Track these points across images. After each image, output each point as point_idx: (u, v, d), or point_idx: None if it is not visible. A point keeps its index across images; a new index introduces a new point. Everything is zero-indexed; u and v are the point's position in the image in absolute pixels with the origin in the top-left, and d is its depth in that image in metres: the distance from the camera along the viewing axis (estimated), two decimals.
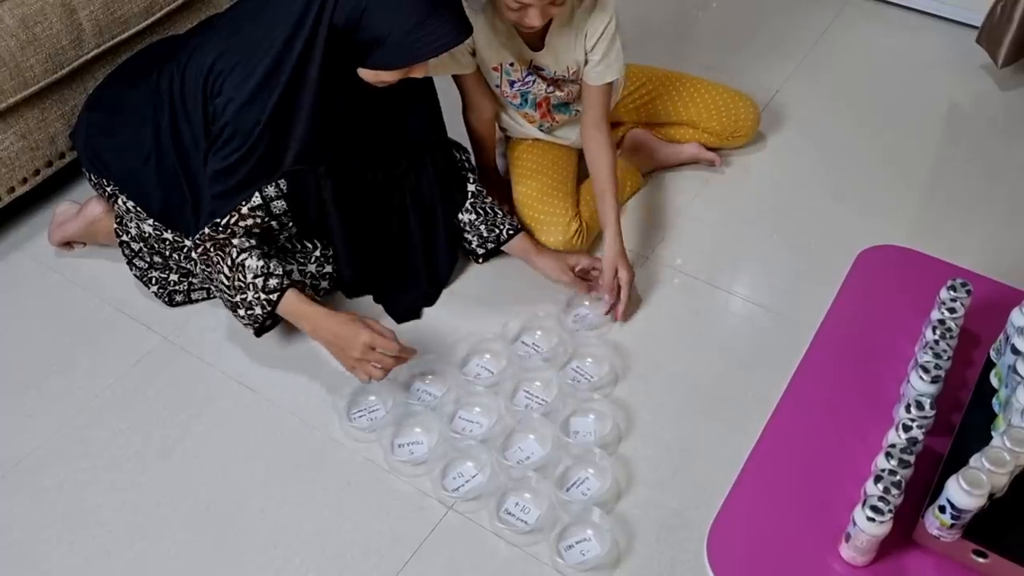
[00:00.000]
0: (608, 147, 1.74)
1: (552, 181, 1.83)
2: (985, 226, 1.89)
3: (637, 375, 1.64)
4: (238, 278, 1.53)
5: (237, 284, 1.54)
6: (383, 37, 1.40)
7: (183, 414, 1.61)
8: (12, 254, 1.89)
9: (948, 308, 1.30)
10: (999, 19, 2.13)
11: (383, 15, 1.39)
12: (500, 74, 1.74)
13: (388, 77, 1.48)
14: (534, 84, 1.75)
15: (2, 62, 1.69)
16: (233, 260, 1.54)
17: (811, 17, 2.46)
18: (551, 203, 1.80)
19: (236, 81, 1.48)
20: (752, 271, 1.86)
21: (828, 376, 1.35)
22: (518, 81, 1.74)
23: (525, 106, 1.81)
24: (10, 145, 1.80)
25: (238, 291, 1.54)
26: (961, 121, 2.20)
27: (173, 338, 1.73)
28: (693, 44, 2.26)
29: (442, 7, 1.41)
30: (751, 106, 1.99)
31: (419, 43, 1.41)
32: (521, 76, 1.73)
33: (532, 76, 1.73)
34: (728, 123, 1.97)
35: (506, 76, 1.74)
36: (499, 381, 1.62)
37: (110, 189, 1.72)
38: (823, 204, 1.96)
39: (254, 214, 1.56)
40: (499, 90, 1.78)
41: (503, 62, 1.71)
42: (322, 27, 1.41)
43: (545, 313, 1.71)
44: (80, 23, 1.79)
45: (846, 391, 1.33)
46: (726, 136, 1.99)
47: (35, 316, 1.78)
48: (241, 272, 1.53)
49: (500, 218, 1.78)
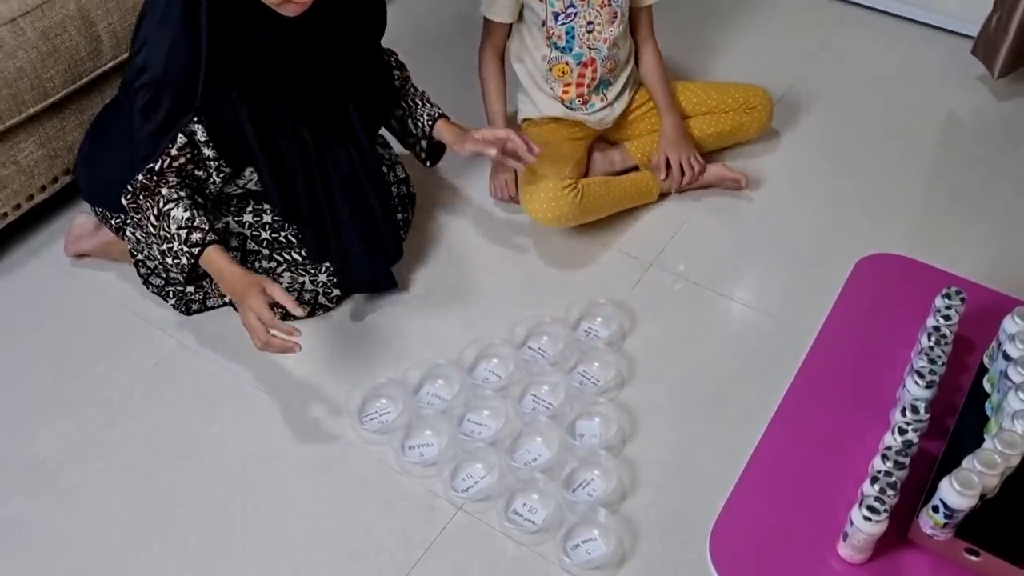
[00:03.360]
0: (656, 54, 1.98)
1: (562, 154, 1.89)
2: (982, 234, 1.94)
3: (641, 379, 1.69)
4: (163, 228, 1.56)
5: (163, 234, 1.56)
6: None
7: (199, 416, 1.65)
8: (31, 260, 1.94)
9: (943, 315, 1.34)
10: (995, 31, 2.17)
11: None
12: (545, 5, 1.81)
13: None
14: (576, 17, 1.83)
15: (23, 74, 1.74)
16: (160, 210, 1.56)
17: (811, 28, 2.50)
18: (554, 164, 1.86)
19: (143, 30, 1.50)
20: (753, 277, 1.90)
21: (827, 380, 1.39)
22: (561, 13, 1.82)
23: (568, 53, 1.87)
24: (30, 154, 1.84)
25: (164, 240, 1.56)
26: (958, 130, 2.24)
27: (189, 342, 1.77)
28: (693, 55, 2.30)
29: None
30: (759, 88, 2.06)
31: None
32: (564, 7, 1.81)
33: (574, 7, 1.82)
34: (741, 98, 2.02)
35: (550, 7, 1.81)
36: (507, 385, 1.66)
37: (115, 222, 1.76)
38: (823, 211, 2.00)
39: (184, 153, 1.56)
40: (545, 28, 1.84)
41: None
42: None
43: (551, 319, 1.75)
44: (99, 35, 1.83)
45: (844, 395, 1.37)
46: (742, 110, 2.02)
47: (53, 321, 1.82)
48: (166, 222, 1.55)
49: (419, 109, 1.82)
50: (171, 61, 1.48)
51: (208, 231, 1.56)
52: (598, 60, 1.90)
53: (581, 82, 1.92)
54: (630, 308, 1.81)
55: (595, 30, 1.86)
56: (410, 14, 2.58)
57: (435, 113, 1.82)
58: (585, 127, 1.98)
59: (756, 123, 2.04)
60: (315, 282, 1.77)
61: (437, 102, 1.86)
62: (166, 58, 1.48)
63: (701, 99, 2.03)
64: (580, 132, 1.98)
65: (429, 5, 2.63)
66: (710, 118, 2.03)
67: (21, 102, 1.76)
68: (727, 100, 2.02)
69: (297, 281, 1.77)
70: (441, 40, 2.48)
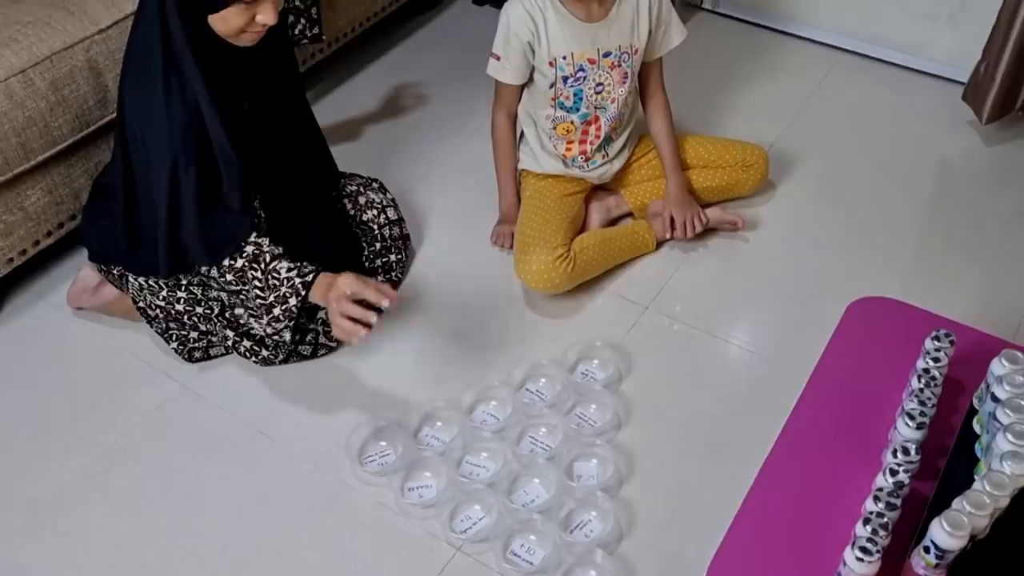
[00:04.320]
0: (666, 109, 2.01)
1: (556, 217, 1.91)
2: (973, 277, 1.97)
3: (638, 421, 1.70)
4: (272, 277, 1.59)
5: (272, 283, 1.60)
6: None
7: (200, 459, 1.67)
8: (36, 304, 1.96)
9: (932, 357, 1.36)
10: (983, 78, 2.22)
11: None
12: (555, 69, 1.84)
13: (234, 19, 1.48)
14: (585, 80, 1.86)
15: (32, 123, 1.78)
16: (266, 263, 1.60)
17: (803, 74, 2.55)
18: (547, 229, 1.88)
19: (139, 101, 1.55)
20: (748, 319, 1.93)
21: (820, 422, 1.41)
22: (571, 76, 1.85)
23: (574, 113, 1.90)
24: (37, 200, 1.88)
25: (272, 289, 1.60)
26: (949, 175, 2.28)
27: (191, 385, 1.79)
28: (687, 103, 2.34)
29: None
30: (757, 146, 2.09)
31: None
32: (573, 71, 1.84)
33: (584, 71, 1.84)
34: (739, 155, 2.05)
35: (560, 72, 1.84)
36: (505, 427, 1.68)
37: (116, 271, 1.79)
38: (817, 253, 2.03)
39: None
40: (553, 90, 1.88)
41: (558, 56, 1.82)
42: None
43: (549, 361, 1.77)
44: (106, 84, 1.88)
45: (837, 436, 1.39)
46: (739, 167, 2.05)
47: (57, 363, 1.84)
48: (275, 272, 1.59)
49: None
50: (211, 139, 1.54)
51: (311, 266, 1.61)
52: (603, 119, 1.93)
53: (584, 139, 1.95)
54: (627, 350, 1.83)
55: (604, 91, 1.90)
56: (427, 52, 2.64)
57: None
58: (584, 181, 2.02)
59: (752, 180, 2.07)
60: (316, 320, 1.80)
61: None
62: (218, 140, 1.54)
63: (699, 152, 2.06)
64: (578, 186, 2.01)
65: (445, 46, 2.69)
66: (708, 171, 2.06)
67: (30, 150, 1.80)
68: (725, 156, 2.05)
69: (299, 320, 1.79)
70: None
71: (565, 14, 1.81)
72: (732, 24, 2.75)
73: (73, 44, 1.81)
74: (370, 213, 1.94)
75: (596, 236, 1.96)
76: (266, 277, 1.60)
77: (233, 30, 1.51)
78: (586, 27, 1.82)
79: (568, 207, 1.96)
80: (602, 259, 1.94)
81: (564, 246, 1.87)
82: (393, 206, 1.98)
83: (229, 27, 1.51)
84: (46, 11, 1.83)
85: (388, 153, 2.31)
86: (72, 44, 1.80)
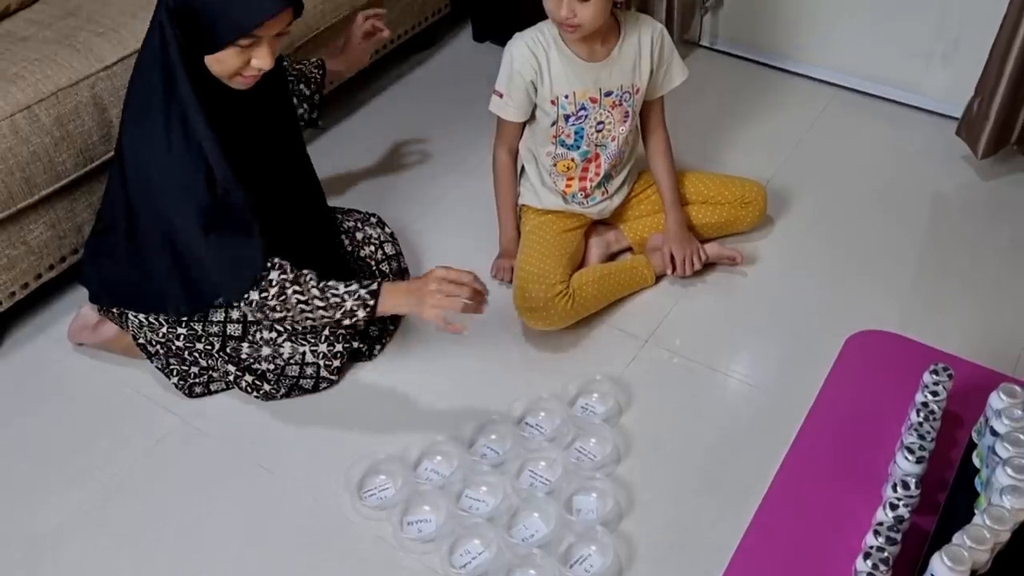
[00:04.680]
0: (666, 146, 2.03)
1: (555, 253, 1.92)
2: (970, 310, 1.97)
3: (638, 454, 1.70)
4: (331, 295, 1.59)
5: (333, 301, 1.58)
6: (207, 7, 1.44)
7: (200, 494, 1.67)
8: (37, 337, 1.97)
9: (931, 391, 1.37)
10: (977, 114, 2.24)
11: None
12: (557, 108, 1.86)
13: (230, 61, 1.50)
14: (587, 119, 1.88)
15: (36, 158, 1.79)
16: (317, 283, 1.59)
17: (799, 110, 2.58)
18: (546, 265, 1.89)
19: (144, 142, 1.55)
20: (747, 352, 1.93)
21: (820, 456, 1.42)
22: (572, 115, 1.86)
23: (575, 151, 1.92)
24: (40, 234, 1.89)
25: (335, 307, 1.59)
26: (945, 209, 2.29)
27: (190, 419, 1.79)
28: (685, 138, 2.36)
29: None
30: (756, 182, 2.10)
31: (240, 10, 1.45)
32: (575, 110, 1.86)
33: (585, 110, 1.86)
34: (737, 191, 2.06)
35: (562, 110, 1.86)
36: (504, 461, 1.68)
37: (116, 311, 1.80)
38: (816, 287, 2.04)
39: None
40: (554, 128, 1.89)
41: (560, 95, 1.84)
42: (163, 10, 1.48)
43: (549, 395, 1.78)
44: (110, 120, 1.90)
45: (837, 470, 1.39)
46: (737, 204, 2.06)
47: (57, 397, 1.85)
48: (332, 289, 1.59)
49: (308, 67, 1.99)
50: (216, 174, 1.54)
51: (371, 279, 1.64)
52: (603, 156, 1.95)
53: (584, 176, 1.97)
54: (626, 384, 1.83)
55: (605, 129, 1.91)
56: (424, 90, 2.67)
57: (318, 61, 2.02)
58: (584, 216, 2.04)
59: (750, 217, 2.08)
60: (316, 352, 1.80)
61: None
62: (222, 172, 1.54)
63: (698, 188, 2.07)
64: (578, 222, 2.03)
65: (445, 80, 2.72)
66: (707, 207, 2.07)
67: (34, 184, 1.81)
68: (724, 192, 2.06)
69: (298, 351, 1.80)
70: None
71: (568, 53, 1.83)
72: (729, 60, 2.78)
73: (78, 81, 1.83)
74: (368, 249, 1.95)
75: (595, 272, 1.97)
76: (325, 296, 1.59)
77: (228, 72, 1.53)
78: (588, 66, 1.84)
79: (568, 243, 1.98)
80: (601, 295, 1.95)
81: (563, 282, 1.88)
82: (391, 241, 1.99)
83: (225, 68, 1.53)
84: (53, 49, 1.86)
85: (387, 189, 2.33)
86: (77, 81, 1.83)
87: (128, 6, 1.99)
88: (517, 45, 1.84)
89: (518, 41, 1.85)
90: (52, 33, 1.91)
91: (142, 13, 1.96)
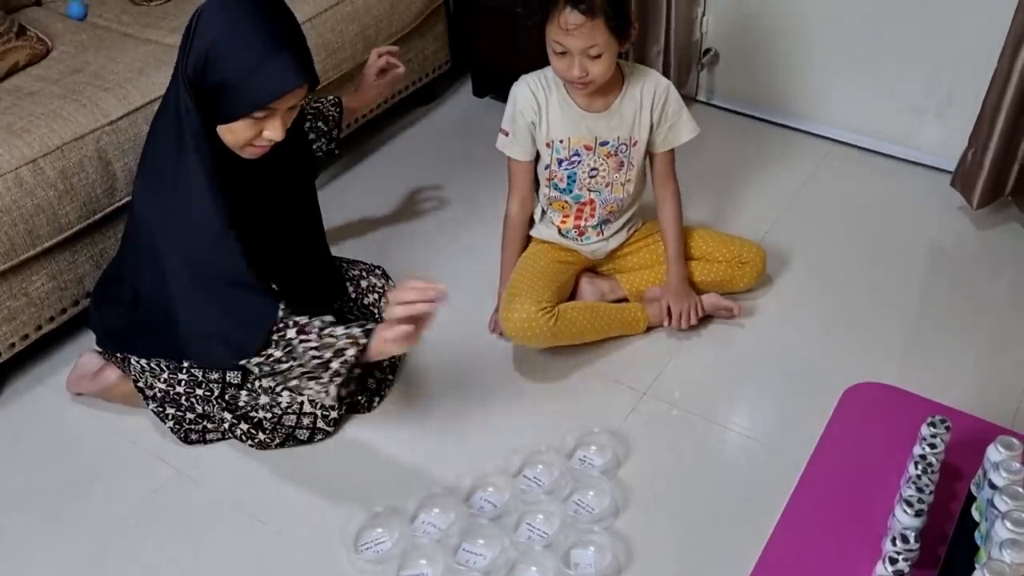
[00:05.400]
0: (675, 199, 2.02)
1: (545, 276, 1.94)
2: (968, 361, 1.97)
3: (636, 507, 1.69)
4: (329, 336, 1.56)
5: (328, 341, 1.56)
6: (226, 81, 1.48)
7: (196, 545, 1.65)
8: (36, 387, 1.97)
9: (929, 444, 1.36)
10: (971, 165, 2.27)
11: (224, 58, 1.47)
12: (551, 151, 1.88)
13: (243, 132, 1.53)
14: (580, 164, 1.90)
15: (40, 210, 1.82)
16: (317, 326, 1.58)
17: (795, 164, 2.60)
18: (535, 285, 1.90)
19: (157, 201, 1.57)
20: (746, 404, 1.93)
21: (819, 509, 1.40)
22: (565, 160, 1.88)
23: (567, 194, 1.94)
24: (41, 286, 1.90)
25: (328, 347, 1.56)
26: (942, 259, 2.31)
27: (186, 470, 1.79)
28: (682, 191, 2.39)
29: (283, 49, 1.49)
30: (755, 244, 2.11)
31: (257, 86, 1.48)
32: (568, 155, 1.88)
33: (579, 156, 1.88)
34: (735, 250, 2.07)
35: (555, 154, 1.88)
36: (502, 514, 1.67)
37: (119, 355, 1.81)
38: (813, 339, 2.04)
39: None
40: (547, 171, 1.92)
41: (555, 139, 1.87)
42: (181, 78, 1.51)
43: (547, 447, 1.77)
44: (114, 173, 1.92)
45: (836, 523, 1.37)
46: (735, 263, 2.07)
47: (54, 447, 1.84)
48: (331, 329, 1.57)
49: (326, 105, 2.03)
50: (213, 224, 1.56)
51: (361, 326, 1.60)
52: (598, 202, 1.97)
53: (580, 216, 1.99)
54: (624, 436, 1.83)
55: (598, 176, 1.94)
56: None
57: (335, 100, 2.05)
58: (577, 254, 2.05)
59: (746, 278, 2.09)
60: (314, 403, 1.80)
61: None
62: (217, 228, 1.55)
63: (697, 244, 2.08)
64: (571, 257, 2.04)
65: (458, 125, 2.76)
66: (704, 264, 2.07)
67: (36, 236, 1.83)
68: (722, 250, 2.07)
69: (296, 401, 1.80)
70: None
71: (567, 99, 1.87)
72: (726, 115, 2.82)
73: (84, 135, 1.86)
74: (372, 297, 1.96)
75: (585, 304, 1.99)
76: (321, 339, 1.57)
77: (240, 142, 1.56)
78: (585, 115, 1.88)
79: (559, 272, 1.99)
80: (588, 325, 1.95)
81: (549, 301, 1.89)
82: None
83: (237, 139, 1.55)
84: (59, 104, 1.89)
85: (389, 242, 2.35)
86: (83, 135, 1.86)
87: (134, 63, 2.03)
88: (520, 87, 1.90)
89: (522, 83, 1.90)
90: (59, 88, 1.95)
91: (148, 70, 2.01)
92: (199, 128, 1.53)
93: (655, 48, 2.63)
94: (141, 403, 1.82)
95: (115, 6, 2.33)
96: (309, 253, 1.86)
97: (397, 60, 2.03)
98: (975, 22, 2.28)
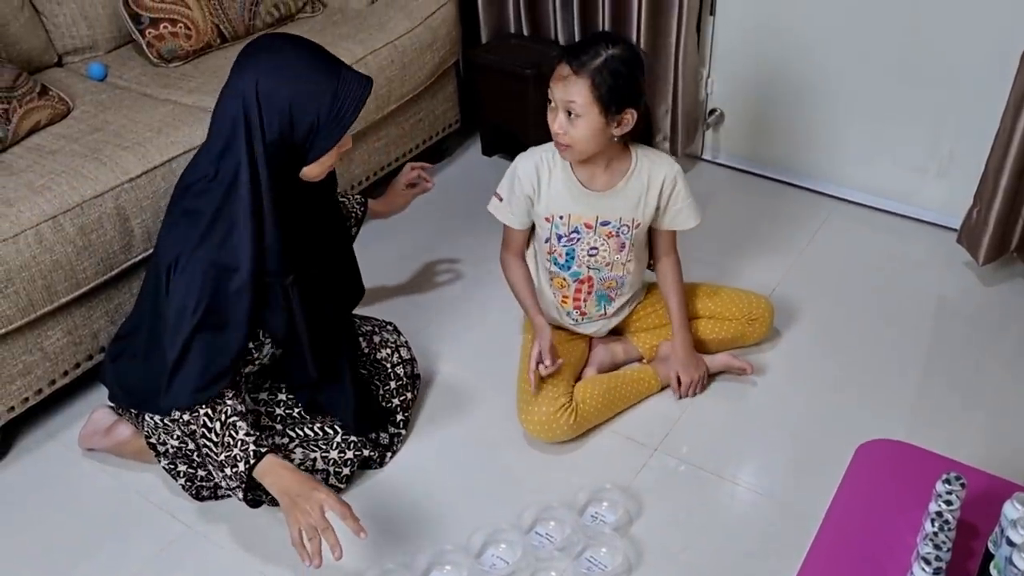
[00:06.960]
0: (675, 270, 2.01)
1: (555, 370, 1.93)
2: (978, 418, 1.97)
3: (648, 564, 1.68)
4: (228, 435, 1.57)
5: (227, 441, 1.57)
6: (315, 122, 1.54)
7: None
8: (47, 443, 1.97)
9: (944, 500, 1.36)
10: (976, 222, 2.29)
11: (306, 104, 1.53)
12: (551, 226, 1.89)
13: (329, 160, 1.61)
14: (579, 241, 1.89)
15: (59, 266, 1.84)
16: (226, 418, 1.58)
17: (801, 221, 2.63)
18: (548, 380, 1.90)
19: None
20: (757, 461, 1.93)
21: (836, 567, 1.39)
22: (564, 236, 1.89)
23: (566, 271, 1.94)
24: (56, 340, 1.92)
25: (225, 448, 1.57)
26: (949, 316, 2.32)
27: (196, 526, 1.78)
28: (688, 248, 2.41)
29: (337, 66, 1.57)
30: (763, 298, 2.12)
31: (344, 108, 1.55)
32: (567, 231, 1.88)
33: (578, 233, 1.88)
34: (745, 308, 2.08)
35: (555, 229, 1.89)
36: (514, 571, 1.66)
37: (133, 410, 1.82)
38: (824, 397, 2.05)
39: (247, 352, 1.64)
40: (547, 245, 1.92)
41: (555, 214, 1.87)
42: (257, 146, 1.53)
43: (558, 503, 1.77)
44: (132, 230, 1.95)
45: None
46: (744, 320, 2.07)
47: (65, 503, 1.84)
48: (232, 430, 1.57)
49: (349, 204, 2.09)
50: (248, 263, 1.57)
51: (265, 442, 1.60)
52: (596, 279, 1.97)
53: (578, 296, 2.00)
54: (636, 493, 1.82)
55: (598, 254, 1.93)
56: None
57: (362, 200, 2.13)
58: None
59: (756, 333, 2.10)
60: (327, 459, 1.80)
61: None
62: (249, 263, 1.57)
63: (706, 304, 2.09)
64: (576, 334, 2.06)
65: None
66: (714, 323, 2.08)
67: (54, 292, 1.85)
68: (731, 308, 2.08)
69: (309, 458, 1.80)
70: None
71: (571, 176, 1.86)
72: (731, 173, 2.86)
73: (103, 192, 1.89)
74: (384, 352, 1.97)
75: (600, 385, 1.97)
76: (223, 432, 1.58)
77: (325, 171, 1.64)
78: (587, 193, 1.87)
79: (568, 352, 1.99)
80: (606, 407, 1.96)
81: (566, 395, 1.89)
82: (406, 346, 2.01)
83: (324, 169, 1.63)
84: (79, 162, 1.93)
85: (397, 299, 2.37)
86: (102, 192, 1.89)
87: (153, 122, 2.08)
88: (524, 158, 1.90)
89: (527, 155, 1.90)
90: (80, 147, 1.99)
91: (166, 129, 2.05)
92: (269, 190, 1.55)
93: (663, 107, 2.68)
94: (153, 459, 1.82)
95: (134, 67, 2.38)
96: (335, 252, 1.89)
97: (427, 176, 2.15)
98: (974, 85, 2.33)
